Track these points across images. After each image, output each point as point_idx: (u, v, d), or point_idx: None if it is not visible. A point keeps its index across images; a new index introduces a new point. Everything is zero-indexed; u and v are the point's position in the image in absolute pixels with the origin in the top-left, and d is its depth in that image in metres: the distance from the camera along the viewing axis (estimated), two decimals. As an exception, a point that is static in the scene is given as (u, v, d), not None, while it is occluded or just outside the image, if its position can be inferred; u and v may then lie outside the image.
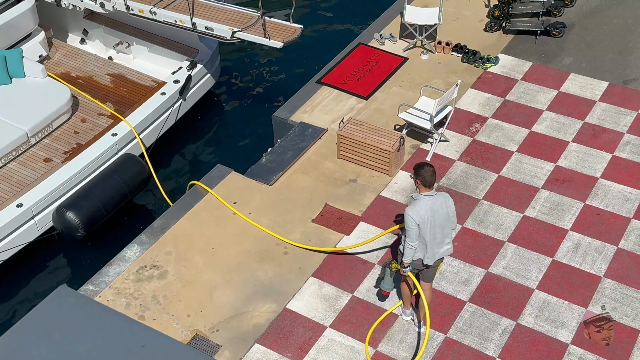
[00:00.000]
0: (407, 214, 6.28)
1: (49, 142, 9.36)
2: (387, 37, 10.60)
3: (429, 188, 6.33)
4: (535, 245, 7.82)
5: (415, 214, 6.25)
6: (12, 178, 8.85)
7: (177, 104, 10.02)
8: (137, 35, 10.75)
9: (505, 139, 9.09)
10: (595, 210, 8.19)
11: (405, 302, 7.13)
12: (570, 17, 10.98)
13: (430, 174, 6.27)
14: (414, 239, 6.32)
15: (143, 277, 7.57)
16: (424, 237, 6.37)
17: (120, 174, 8.80)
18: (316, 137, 9.08)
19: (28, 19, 10.23)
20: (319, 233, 7.98)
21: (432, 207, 6.31)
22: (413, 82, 9.89)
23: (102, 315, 6.29)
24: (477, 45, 10.48)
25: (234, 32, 9.07)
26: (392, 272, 6.82)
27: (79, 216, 8.36)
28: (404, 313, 7.21)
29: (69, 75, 10.43)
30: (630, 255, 7.72)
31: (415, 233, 6.30)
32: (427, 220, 6.30)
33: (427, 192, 6.34)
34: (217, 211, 8.24)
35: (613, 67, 10.11)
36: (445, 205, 6.40)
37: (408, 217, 6.27)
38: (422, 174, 6.29)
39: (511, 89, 9.81)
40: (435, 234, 6.41)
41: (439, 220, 6.38)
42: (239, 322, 7.15)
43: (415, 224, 6.26)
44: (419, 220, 6.26)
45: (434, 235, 6.41)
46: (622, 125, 9.25)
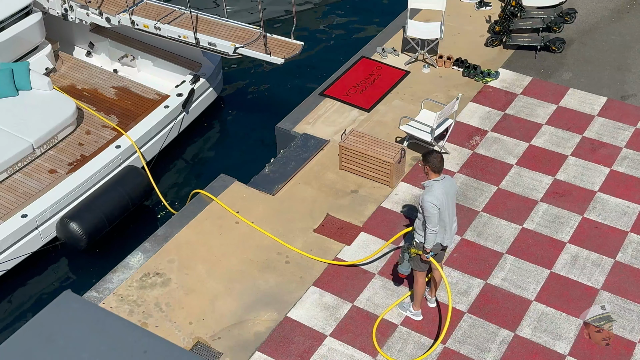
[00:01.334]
0: (427, 201, 6.52)
1: (54, 153, 9.48)
2: (390, 51, 10.75)
3: (438, 173, 6.61)
4: (534, 257, 7.90)
5: (435, 199, 6.51)
6: (18, 189, 8.96)
7: (180, 117, 10.15)
8: (142, 49, 10.91)
9: (504, 152, 9.21)
10: (593, 223, 8.29)
11: (417, 302, 7.24)
12: (569, 33, 11.14)
13: (440, 159, 6.57)
14: (435, 223, 6.57)
15: (146, 284, 7.66)
16: (443, 219, 6.65)
17: (123, 186, 8.90)
18: (318, 148, 9.21)
19: (35, 33, 10.39)
20: (320, 243, 8.08)
21: (445, 190, 6.62)
22: (414, 95, 10.03)
23: (106, 320, 6.36)
24: (477, 59, 10.63)
25: (236, 48, 9.21)
26: (410, 256, 7.00)
27: (81, 227, 8.46)
28: (415, 314, 7.32)
29: (74, 88, 10.58)
30: (627, 268, 7.79)
31: (436, 218, 6.55)
32: (444, 203, 6.59)
33: (437, 177, 6.62)
34: (220, 220, 8.35)
35: (611, 83, 10.25)
36: (453, 186, 6.77)
37: (428, 204, 6.51)
38: (431, 160, 6.58)
39: (511, 103, 9.95)
40: (451, 214, 6.75)
41: (451, 201, 6.72)
42: (240, 330, 7.23)
43: (437, 209, 6.52)
44: (439, 204, 6.52)
45: (450, 215, 6.73)
46: (620, 139, 9.37)
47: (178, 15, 9.84)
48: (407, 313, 7.36)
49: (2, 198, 8.83)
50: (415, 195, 8.62)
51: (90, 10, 10.27)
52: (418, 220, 6.77)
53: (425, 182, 6.67)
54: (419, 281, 7.09)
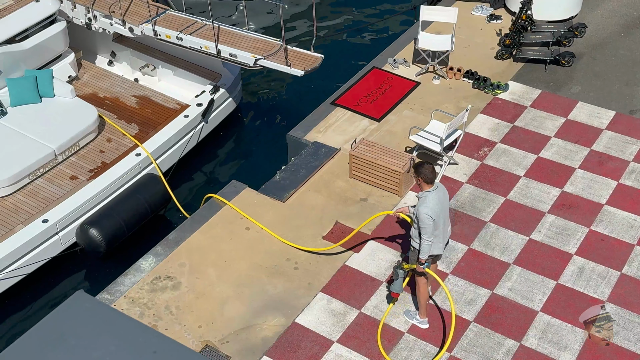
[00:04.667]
0: (423, 213, 6.41)
1: (75, 160, 9.43)
2: (401, 62, 10.63)
3: (431, 184, 6.52)
4: (540, 268, 7.71)
5: (430, 211, 6.41)
6: (39, 194, 8.91)
7: (199, 126, 10.07)
8: (163, 59, 10.86)
9: (513, 164, 9.02)
10: (600, 236, 8.07)
11: (422, 309, 7.08)
12: (579, 47, 10.93)
13: (431, 170, 6.49)
14: (430, 234, 6.47)
15: (157, 287, 7.57)
16: (438, 228, 6.51)
17: (142, 193, 8.83)
18: (329, 156, 9.09)
19: (59, 41, 10.38)
20: (329, 250, 7.95)
21: (439, 200, 6.53)
22: (424, 106, 9.88)
23: (117, 320, 6.31)
24: (487, 72, 10.46)
25: (257, 59, 9.11)
26: (405, 273, 6.82)
27: (101, 233, 8.38)
28: (422, 322, 7.14)
29: (96, 96, 10.55)
30: (633, 281, 7.57)
31: (431, 229, 6.45)
32: (439, 213, 6.48)
33: (430, 187, 6.52)
34: (231, 226, 8.25)
35: (620, 97, 10.02)
36: (445, 194, 6.66)
37: (424, 216, 6.40)
38: (422, 171, 6.50)
39: (520, 115, 9.76)
40: (445, 222, 6.66)
41: (445, 209, 6.62)
42: (248, 335, 7.11)
43: (432, 219, 6.42)
44: (434, 215, 6.42)
45: (445, 223, 6.65)
46: (627, 153, 9.14)
47: (200, 27, 9.77)
48: (414, 321, 7.19)
49: (24, 203, 8.79)
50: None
51: (114, 20, 10.25)
52: (414, 229, 6.63)
53: (419, 194, 6.55)
54: (421, 289, 6.92)
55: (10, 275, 8.22)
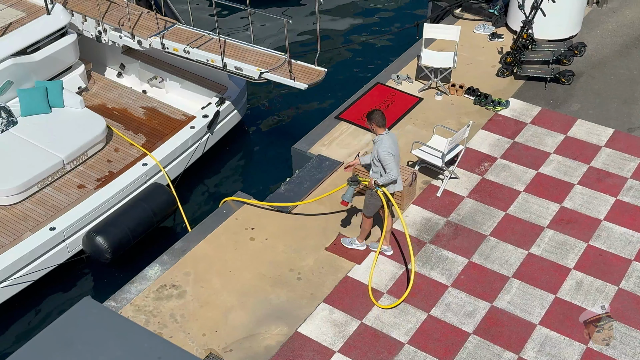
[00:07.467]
0: (384, 151, 7.04)
1: (83, 169, 9.49)
2: (404, 78, 10.72)
3: (383, 128, 7.15)
4: (539, 282, 7.75)
5: (389, 148, 7.07)
6: (47, 202, 8.97)
7: (204, 138, 10.14)
8: (171, 71, 10.96)
9: (513, 179, 9.08)
10: (598, 251, 8.11)
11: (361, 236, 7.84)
12: (579, 66, 11.03)
13: (381, 115, 7.12)
14: (395, 169, 7.11)
15: (162, 295, 7.61)
16: (397, 166, 7.17)
17: (148, 202, 8.86)
18: (332, 169, 9.15)
19: (70, 53, 10.48)
20: (331, 261, 7.99)
21: (393, 141, 7.17)
22: (427, 121, 9.96)
23: (123, 327, 6.35)
24: (489, 89, 10.54)
25: (262, 72, 9.20)
26: (357, 186, 7.54)
27: (107, 241, 8.42)
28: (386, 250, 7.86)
29: (105, 107, 10.63)
30: (630, 295, 7.60)
31: (394, 164, 7.08)
32: (396, 151, 7.15)
33: (383, 131, 7.16)
34: (236, 236, 8.30)
35: (618, 115, 10.10)
36: (396, 139, 7.25)
37: (386, 153, 7.04)
38: (374, 117, 7.12)
39: (520, 131, 9.83)
40: (398, 164, 7.29)
41: (398, 152, 7.26)
42: (251, 343, 7.14)
43: (392, 156, 7.06)
44: (393, 152, 7.08)
45: (398, 164, 7.28)
46: (626, 170, 9.20)
47: (207, 40, 9.87)
48: (353, 246, 7.95)
49: (32, 211, 8.85)
50: (425, 218, 8.52)
51: (123, 33, 10.36)
52: (374, 173, 7.22)
53: (375, 138, 7.17)
54: (366, 220, 7.68)
55: (18, 282, 8.27)
